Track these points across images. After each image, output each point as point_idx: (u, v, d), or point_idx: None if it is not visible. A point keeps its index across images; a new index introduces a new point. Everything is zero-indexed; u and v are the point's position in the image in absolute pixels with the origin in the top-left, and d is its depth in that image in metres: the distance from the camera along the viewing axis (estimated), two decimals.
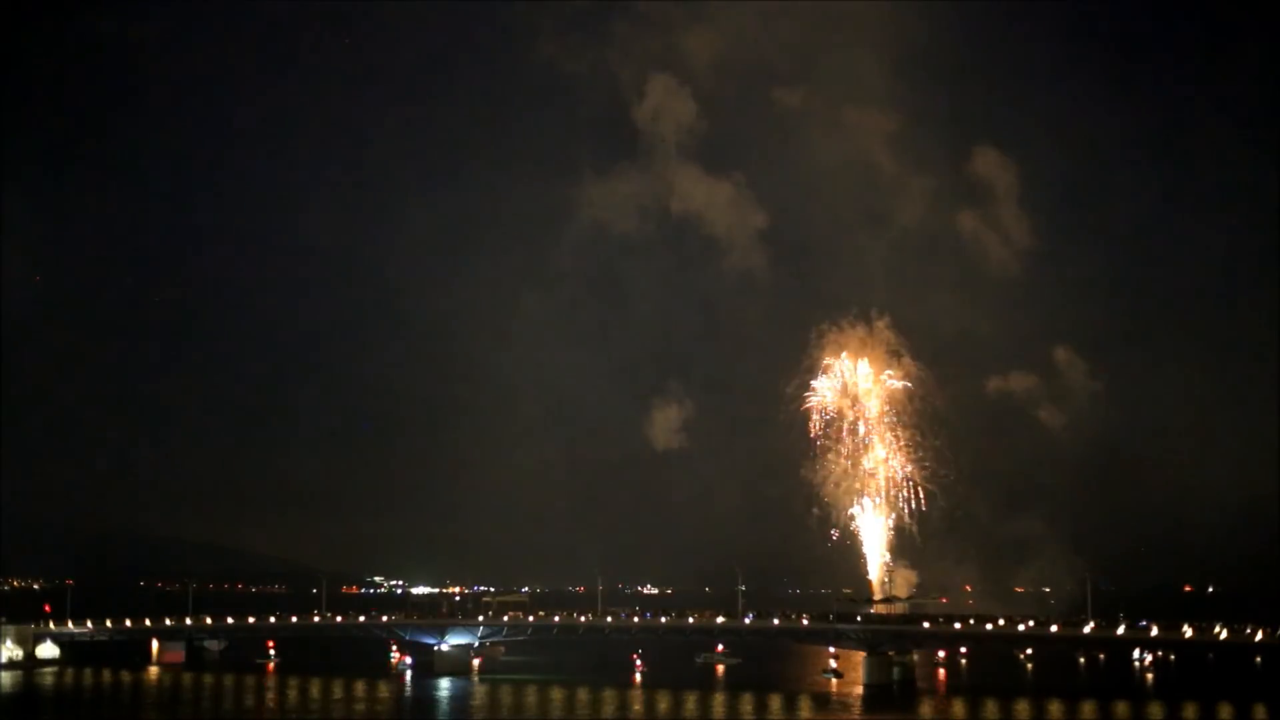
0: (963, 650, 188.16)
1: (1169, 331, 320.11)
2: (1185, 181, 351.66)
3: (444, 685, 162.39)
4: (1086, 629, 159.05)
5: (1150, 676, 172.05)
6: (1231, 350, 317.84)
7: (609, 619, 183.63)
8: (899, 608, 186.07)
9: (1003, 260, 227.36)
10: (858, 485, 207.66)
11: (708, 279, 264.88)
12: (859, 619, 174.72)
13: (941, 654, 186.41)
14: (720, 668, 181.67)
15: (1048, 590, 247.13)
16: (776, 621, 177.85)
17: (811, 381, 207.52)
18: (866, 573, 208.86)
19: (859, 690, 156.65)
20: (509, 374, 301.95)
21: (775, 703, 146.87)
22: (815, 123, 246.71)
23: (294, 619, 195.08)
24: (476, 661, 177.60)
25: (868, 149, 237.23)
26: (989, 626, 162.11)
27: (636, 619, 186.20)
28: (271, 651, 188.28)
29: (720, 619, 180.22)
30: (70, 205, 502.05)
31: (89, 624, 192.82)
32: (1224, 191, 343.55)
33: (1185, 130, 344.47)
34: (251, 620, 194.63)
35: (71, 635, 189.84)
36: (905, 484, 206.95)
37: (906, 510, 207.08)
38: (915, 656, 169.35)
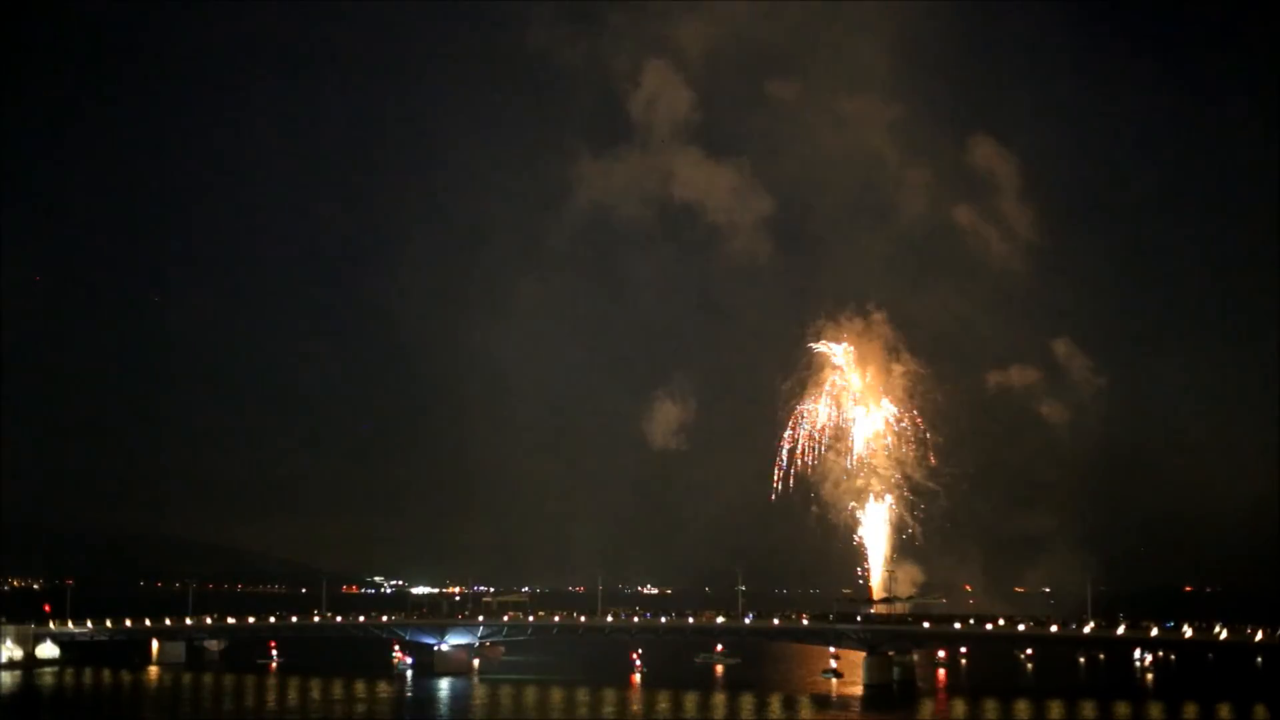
0: (963, 650, 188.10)
1: (1174, 328, 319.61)
2: (1190, 175, 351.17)
3: (444, 685, 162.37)
4: (1086, 629, 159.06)
5: (1150, 676, 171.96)
6: (1237, 347, 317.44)
7: (609, 619, 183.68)
8: (900, 608, 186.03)
9: (1004, 254, 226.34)
10: (858, 484, 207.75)
11: (709, 267, 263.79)
12: (859, 619, 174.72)
13: (942, 654, 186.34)
14: (720, 668, 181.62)
15: (1048, 590, 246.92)
16: (776, 621, 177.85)
17: (800, 407, 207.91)
18: (867, 572, 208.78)
19: (859, 690, 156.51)
20: (506, 367, 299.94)
21: (775, 703, 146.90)
22: (814, 112, 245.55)
23: (294, 619, 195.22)
24: (476, 661, 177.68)
25: (868, 139, 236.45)
26: (989, 626, 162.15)
27: (636, 619, 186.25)
28: (274, 652, 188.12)
29: (720, 619, 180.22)
30: (70, 205, 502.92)
31: (89, 624, 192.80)
32: (1230, 184, 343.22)
33: (1191, 122, 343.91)
34: (251, 620, 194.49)
35: (71, 635, 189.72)
36: (906, 482, 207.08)
37: (908, 509, 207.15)
38: (915, 656, 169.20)
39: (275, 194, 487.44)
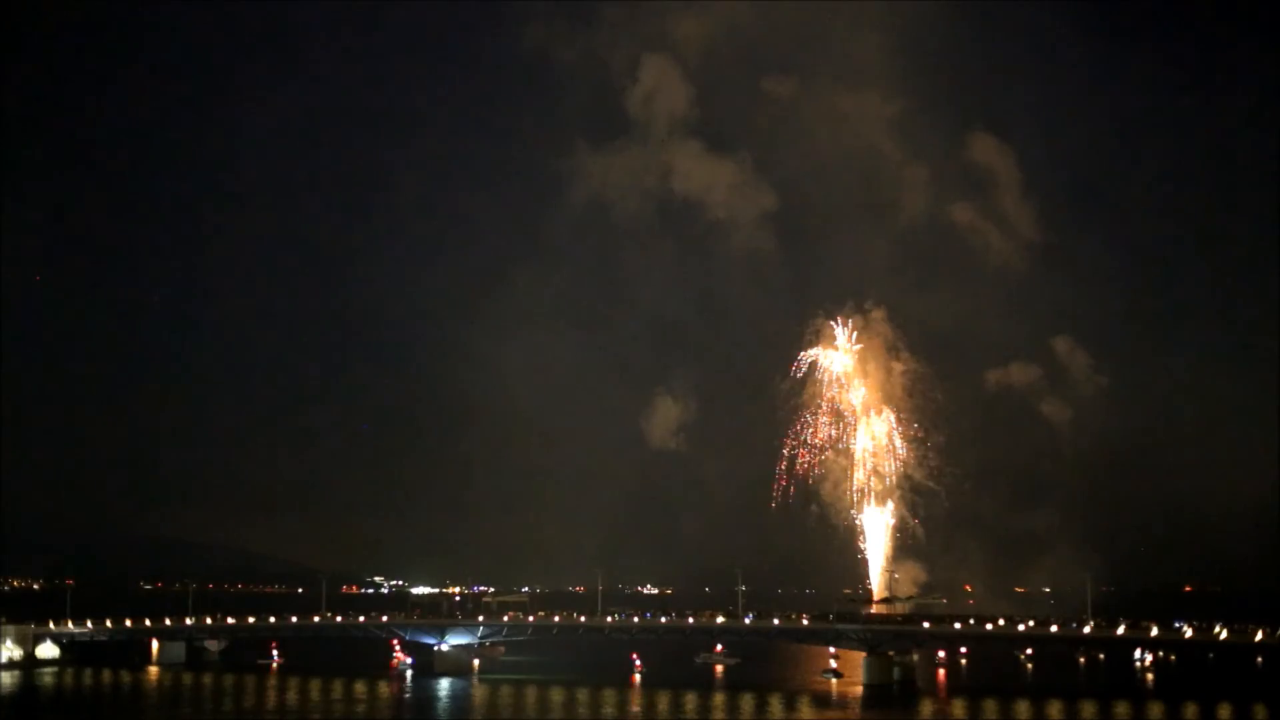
0: (963, 650, 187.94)
1: (1174, 326, 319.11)
2: (1190, 173, 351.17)
3: (444, 685, 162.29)
4: (1086, 629, 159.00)
5: (1150, 676, 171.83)
6: (1237, 347, 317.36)
7: (609, 619, 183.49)
8: (900, 608, 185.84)
9: (1005, 251, 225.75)
10: (859, 484, 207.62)
11: (709, 263, 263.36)
12: (859, 619, 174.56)
13: (942, 654, 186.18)
14: (719, 668, 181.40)
15: (1048, 590, 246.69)
16: (776, 621, 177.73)
17: (800, 406, 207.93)
18: (868, 572, 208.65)
19: (859, 690, 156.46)
20: (505, 365, 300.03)
21: (775, 703, 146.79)
22: (813, 108, 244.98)
23: (294, 619, 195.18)
24: (476, 662, 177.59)
25: (868, 135, 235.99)
26: (989, 626, 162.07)
27: (636, 619, 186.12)
28: (274, 652, 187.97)
29: (720, 619, 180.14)
30: (70, 205, 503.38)
31: (89, 624, 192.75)
32: (1230, 183, 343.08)
33: (1191, 121, 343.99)
34: (251, 620, 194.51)
35: (71, 635, 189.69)
36: (907, 481, 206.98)
37: (909, 508, 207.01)
38: (915, 656, 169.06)
39: (274, 193, 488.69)
